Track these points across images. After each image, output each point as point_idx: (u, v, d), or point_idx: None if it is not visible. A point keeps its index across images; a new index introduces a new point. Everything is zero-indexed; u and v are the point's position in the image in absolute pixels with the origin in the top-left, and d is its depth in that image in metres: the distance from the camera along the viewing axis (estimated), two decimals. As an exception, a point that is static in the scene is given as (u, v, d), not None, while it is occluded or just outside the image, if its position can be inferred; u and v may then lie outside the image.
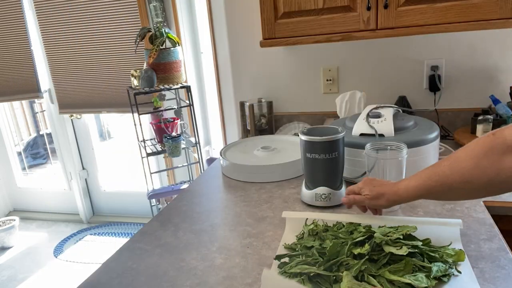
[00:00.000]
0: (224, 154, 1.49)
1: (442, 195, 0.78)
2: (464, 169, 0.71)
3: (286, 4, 1.41)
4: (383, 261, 0.74)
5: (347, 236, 0.83)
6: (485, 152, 0.69)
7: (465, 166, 0.71)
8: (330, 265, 0.75)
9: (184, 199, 1.25)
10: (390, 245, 0.76)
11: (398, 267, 0.72)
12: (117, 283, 0.84)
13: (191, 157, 2.51)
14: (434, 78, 1.61)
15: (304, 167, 1.11)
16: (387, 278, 0.70)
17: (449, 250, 0.78)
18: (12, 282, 2.52)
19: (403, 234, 0.78)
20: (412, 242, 0.77)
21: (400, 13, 1.31)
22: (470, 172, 0.70)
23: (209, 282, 0.81)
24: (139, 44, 2.05)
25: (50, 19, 2.59)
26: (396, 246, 0.75)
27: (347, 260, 0.75)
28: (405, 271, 0.71)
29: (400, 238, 0.77)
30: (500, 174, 0.67)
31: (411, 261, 0.72)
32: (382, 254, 0.75)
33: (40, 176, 3.56)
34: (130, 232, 3.01)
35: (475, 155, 0.70)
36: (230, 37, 1.88)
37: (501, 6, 1.21)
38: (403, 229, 0.81)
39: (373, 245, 0.76)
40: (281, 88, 1.87)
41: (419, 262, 0.73)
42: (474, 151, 0.71)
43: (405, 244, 0.76)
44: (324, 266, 0.74)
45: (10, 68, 2.85)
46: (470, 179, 0.71)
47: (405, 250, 0.73)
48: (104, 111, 2.70)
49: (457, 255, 0.77)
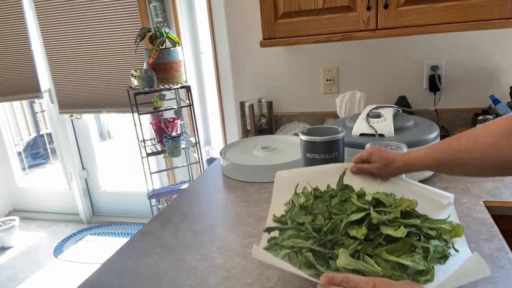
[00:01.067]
0: (224, 154, 1.49)
1: (452, 169, 0.78)
2: (482, 146, 0.71)
3: (286, 4, 1.41)
4: (379, 240, 0.72)
5: (340, 207, 0.81)
6: (505, 133, 0.69)
7: (483, 144, 0.71)
8: (324, 242, 0.73)
9: (184, 199, 1.25)
10: (387, 225, 0.74)
11: (394, 247, 0.70)
12: (117, 283, 0.84)
13: (191, 157, 2.51)
14: (434, 78, 1.61)
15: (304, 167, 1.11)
16: (384, 258, 0.68)
17: (446, 225, 0.76)
18: (12, 282, 2.52)
19: (402, 210, 0.76)
20: (410, 220, 0.74)
21: (400, 13, 1.31)
22: (487, 150, 0.71)
23: (209, 282, 0.81)
24: (139, 44, 2.05)
25: (50, 19, 2.59)
26: (394, 226, 0.73)
27: (341, 239, 0.73)
28: (402, 251, 0.69)
29: (398, 217, 0.75)
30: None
31: (408, 241, 0.70)
32: (378, 233, 0.73)
33: (40, 176, 3.56)
34: (130, 232, 3.01)
35: (495, 134, 0.70)
36: (230, 37, 1.88)
37: (501, 6, 1.21)
38: (402, 203, 0.78)
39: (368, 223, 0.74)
40: (281, 88, 1.87)
41: (417, 242, 0.71)
42: (494, 131, 0.71)
43: (403, 223, 0.73)
44: (318, 243, 0.72)
45: (10, 68, 2.85)
46: (486, 158, 0.71)
47: (403, 232, 0.71)
48: (104, 111, 2.70)
49: (454, 230, 0.75)
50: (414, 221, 0.74)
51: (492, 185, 1.13)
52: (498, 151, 0.70)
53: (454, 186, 1.14)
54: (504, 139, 0.69)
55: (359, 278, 0.60)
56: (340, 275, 0.62)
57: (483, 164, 0.72)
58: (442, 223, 0.76)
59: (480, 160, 0.72)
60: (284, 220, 0.83)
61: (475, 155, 0.73)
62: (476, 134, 0.74)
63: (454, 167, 0.77)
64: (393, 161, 0.86)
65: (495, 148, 0.70)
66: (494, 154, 0.70)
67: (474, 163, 0.73)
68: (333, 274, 0.64)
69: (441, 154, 0.78)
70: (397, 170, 0.86)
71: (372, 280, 0.59)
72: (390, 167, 0.86)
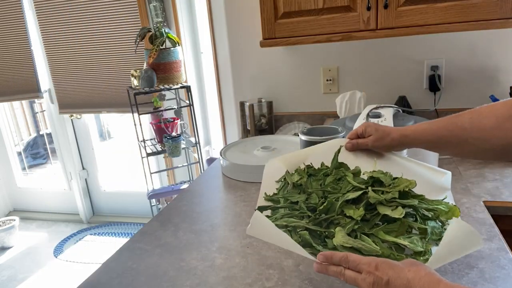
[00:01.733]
0: (224, 154, 1.49)
1: (451, 147, 0.75)
2: (485, 125, 0.69)
3: (286, 4, 1.41)
4: (376, 220, 0.70)
5: (335, 186, 0.78)
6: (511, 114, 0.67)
7: (487, 123, 0.69)
8: (320, 221, 0.71)
9: (184, 199, 1.25)
10: (384, 205, 0.71)
11: (392, 228, 0.68)
12: (117, 283, 0.84)
13: (191, 157, 2.51)
14: (434, 78, 1.61)
15: (304, 167, 1.10)
16: (381, 238, 0.67)
17: (442, 206, 0.74)
18: (12, 282, 2.52)
19: (400, 190, 0.73)
20: (408, 201, 0.72)
21: (400, 13, 1.31)
22: (490, 131, 0.68)
23: (209, 282, 0.81)
24: (139, 44, 2.05)
25: (50, 19, 2.59)
26: (391, 206, 0.71)
27: (337, 218, 0.71)
28: (399, 232, 0.68)
29: (396, 197, 0.72)
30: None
31: (406, 222, 0.68)
32: (375, 213, 0.71)
33: (40, 176, 3.56)
34: (130, 232, 3.01)
35: (500, 115, 0.68)
36: (230, 37, 1.88)
37: (501, 6, 1.21)
38: (400, 182, 0.75)
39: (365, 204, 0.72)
40: (281, 88, 1.87)
41: (414, 223, 0.69)
42: (499, 111, 0.68)
43: (401, 204, 0.71)
44: (313, 222, 0.71)
45: (10, 68, 2.84)
46: (488, 138, 0.69)
47: (401, 213, 0.68)
48: (104, 111, 2.70)
49: (451, 211, 0.73)
50: (412, 201, 0.72)
51: (492, 185, 1.13)
52: (500, 133, 0.67)
53: (454, 186, 1.14)
54: (508, 121, 0.67)
55: (360, 259, 0.58)
56: (339, 254, 0.60)
57: (483, 144, 0.69)
58: (439, 204, 0.74)
59: (481, 140, 0.69)
60: (276, 198, 0.80)
61: (476, 135, 0.70)
62: (480, 113, 0.71)
63: (453, 145, 0.74)
64: (389, 133, 0.82)
65: (498, 129, 0.67)
66: (496, 135, 0.68)
67: (474, 143, 0.70)
68: (331, 252, 0.61)
69: (442, 130, 0.75)
70: (393, 141, 0.81)
71: (374, 261, 0.56)
72: (386, 139, 0.82)
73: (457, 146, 0.74)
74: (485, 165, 1.28)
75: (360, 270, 0.57)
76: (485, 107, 0.71)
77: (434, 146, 0.78)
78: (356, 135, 0.87)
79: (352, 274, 0.58)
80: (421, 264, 0.56)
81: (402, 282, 0.53)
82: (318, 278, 0.80)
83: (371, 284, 0.55)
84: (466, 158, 1.01)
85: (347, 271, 0.58)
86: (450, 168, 1.27)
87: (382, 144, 0.83)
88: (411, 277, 0.53)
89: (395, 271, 0.54)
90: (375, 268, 0.55)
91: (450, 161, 1.34)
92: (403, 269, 0.54)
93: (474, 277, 0.75)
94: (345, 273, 0.58)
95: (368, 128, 0.85)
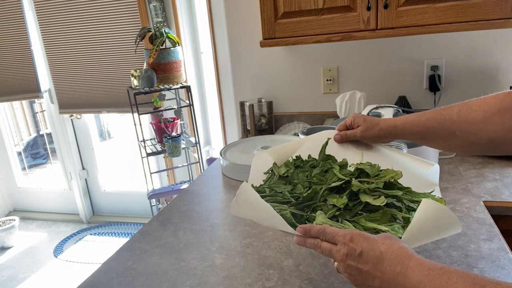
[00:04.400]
0: (224, 154, 1.49)
1: (438, 140, 0.75)
2: (473, 119, 0.68)
3: (286, 4, 1.41)
4: (358, 208, 0.69)
5: (321, 177, 0.78)
6: (500, 108, 0.66)
7: (475, 116, 0.68)
8: (302, 207, 0.71)
9: (184, 199, 1.25)
10: (367, 193, 0.71)
11: (374, 217, 0.68)
12: (117, 283, 0.84)
13: (191, 157, 2.51)
14: (434, 78, 1.61)
15: (304, 167, 1.10)
16: (363, 225, 0.66)
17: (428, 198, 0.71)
18: (12, 282, 2.52)
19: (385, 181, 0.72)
20: (391, 191, 0.71)
21: (400, 13, 1.31)
22: (478, 124, 0.68)
23: (209, 282, 0.81)
24: (139, 44, 2.05)
25: (50, 19, 2.59)
26: (374, 195, 0.70)
27: (320, 205, 0.71)
28: (381, 221, 0.67)
29: (380, 188, 0.71)
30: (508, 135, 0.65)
31: (388, 211, 0.67)
32: (357, 201, 0.70)
33: (40, 176, 3.56)
34: (130, 232, 3.01)
35: (489, 108, 0.67)
36: (230, 37, 1.88)
37: (501, 6, 1.21)
38: (386, 173, 0.74)
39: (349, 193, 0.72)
40: (281, 88, 1.87)
41: (397, 212, 0.68)
42: (488, 105, 0.68)
43: (384, 193, 0.70)
44: (296, 207, 0.71)
45: (10, 68, 2.84)
46: (476, 131, 0.68)
47: (382, 201, 0.68)
48: (104, 111, 2.70)
49: None
50: (396, 192, 0.71)
51: (492, 185, 1.13)
52: (488, 127, 0.67)
53: (454, 186, 1.14)
54: (497, 115, 0.66)
55: (336, 231, 0.59)
56: (316, 227, 0.61)
57: (471, 137, 0.69)
58: (425, 196, 0.72)
59: (469, 133, 0.69)
60: (263, 189, 0.80)
61: (464, 128, 0.69)
62: (469, 106, 0.70)
63: (441, 137, 0.73)
64: (378, 123, 0.81)
65: (487, 123, 0.67)
66: (484, 129, 0.67)
67: (462, 136, 0.70)
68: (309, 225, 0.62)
69: (431, 122, 0.74)
70: (382, 131, 0.80)
71: (350, 234, 0.57)
72: (375, 128, 0.81)
73: (445, 139, 0.73)
74: (485, 165, 1.28)
75: (336, 242, 0.58)
76: (474, 100, 0.71)
77: (423, 137, 0.77)
78: (345, 126, 0.87)
79: (328, 246, 0.59)
80: (396, 238, 0.56)
81: (375, 254, 0.54)
82: (318, 278, 0.80)
83: (345, 254, 0.56)
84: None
85: (323, 243, 0.60)
86: (450, 168, 1.28)
87: (371, 134, 0.82)
88: (384, 249, 0.54)
89: (369, 243, 0.55)
90: (350, 239, 0.56)
91: (450, 161, 1.34)
92: (377, 242, 0.55)
93: (474, 277, 0.75)
94: (322, 245, 0.60)
95: (357, 119, 0.84)
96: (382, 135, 0.82)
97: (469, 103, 0.71)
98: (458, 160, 1.34)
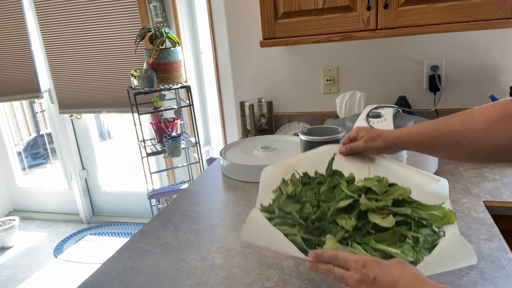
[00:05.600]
0: (224, 154, 1.49)
1: (443, 149, 0.76)
2: (476, 127, 0.69)
3: (286, 4, 1.41)
4: (367, 228, 0.70)
5: (329, 194, 0.78)
6: (502, 116, 0.67)
7: (478, 125, 0.69)
8: (312, 229, 0.71)
9: (184, 199, 1.25)
10: (376, 212, 0.71)
11: (383, 237, 0.68)
12: (117, 283, 0.84)
13: (191, 157, 2.51)
14: (434, 78, 1.61)
15: (304, 167, 1.10)
16: (373, 247, 0.66)
17: (438, 212, 0.72)
18: (12, 282, 2.52)
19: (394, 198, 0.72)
20: (400, 209, 0.71)
21: (400, 13, 1.31)
22: (481, 132, 0.69)
23: (209, 282, 0.81)
24: (139, 44, 2.05)
25: (50, 19, 2.59)
26: (383, 214, 0.70)
27: (329, 227, 0.71)
28: (391, 241, 0.67)
29: (388, 206, 0.71)
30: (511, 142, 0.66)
31: (397, 231, 0.68)
32: (366, 221, 0.70)
33: (40, 176, 3.56)
34: (130, 232, 3.01)
35: (491, 117, 0.68)
36: (230, 37, 1.88)
37: (501, 6, 1.21)
38: (395, 191, 0.75)
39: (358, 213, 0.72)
40: (281, 88, 1.87)
41: (406, 231, 0.69)
42: (491, 112, 0.69)
43: (393, 212, 0.70)
44: (305, 230, 0.71)
45: (10, 68, 2.85)
46: (479, 140, 0.69)
47: (391, 221, 0.68)
48: (104, 111, 2.70)
49: (446, 217, 0.71)
50: (405, 209, 0.71)
51: (492, 185, 1.13)
52: (491, 134, 0.68)
53: (454, 186, 1.14)
54: (500, 122, 0.67)
55: (349, 257, 0.59)
56: (329, 252, 0.61)
57: (475, 146, 0.70)
58: (435, 209, 0.72)
59: (472, 141, 0.70)
60: (272, 209, 0.80)
61: (468, 136, 0.70)
62: (472, 115, 0.71)
63: (446, 146, 0.74)
64: (381, 134, 0.82)
65: (489, 131, 0.68)
66: (487, 137, 0.68)
67: (466, 144, 0.71)
68: (321, 250, 0.62)
69: (435, 132, 0.75)
70: (385, 142, 0.81)
71: (362, 259, 0.57)
72: (378, 139, 0.82)
73: (449, 148, 0.74)
74: (485, 165, 1.28)
75: (349, 267, 0.58)
76: (476, 109, 0.72)
77: (427, 148, 0.78)
78: (349, 139, 0.88)
79: (340, 271, 0.59)
80: (408, 264, 0.57)
81: (388, 280, 0.54)
82: (318, 278, 0.80)
83: (358, 281, 0.56)
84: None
85: (336, 269, 0.60)
86: (450, 168, 1.28)
87: (374, 145, 0.83)
88: (397, 275, 0.54)
89: (382, 269, 0.56)
90: (363, 265, 0.57)
91: (450, 161, 1.34)
92: (390, 267, 0.56)
93: (474, 277, 0.75)
94: (334, 270, 0.60)
95: (360, 132, 0.86)
96: (386, 146, 0.82)
97: (472, 112, 0.72)
98: (458, 160, 1.34)
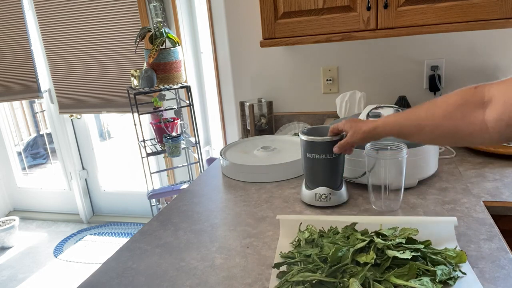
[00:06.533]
0: (224, 154, 1.49)
1: (413, 136, 0.82)
2: (436, 114, 0.76)
3: (286, 4, 1.41)
4: (386, 264, 0.73)
5: (345, 242, 0.82)
6: (460, 103, 0.73)
7: (438, 112, 0.75)
8: (333, 271, 0.74)
9: (184, 199, 1.25)
10: (392, 249, 0.76)
11: (402, 272, 0.72)
12: (117, 283, 0.84)
13: (191, 157, 2.51)
14: (434, 78, 1.61)
15: (304, 167, 1.11)
16: (393, 283, 0.70)
17: (450, 252, 0.78)
18: (12, 282, 2.52)
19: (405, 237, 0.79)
20: (413, 245, 0.77)
21: (400, 13, 1.31)
22: (441, 119, 0.75)
23: (209, 282, 0.81)
24: (139, 44, 2.05)
25: (50, 19, 2.59)
26: (399, 250, 0.75)
27: (349, 267, 0.74)
28: (409, 275, 0.71)
29: (402, 243, 0.77)
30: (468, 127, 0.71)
31: (415, 265, 0.72)
32: (384, 258, 0.75)
33: (40, 176, 3.56)
34: (130, 232, 3.01)
35: (451, 103, 0.74)
36: (230, 37, 1.88)
37: (501, 6, 1.21)
38: (404, 231, 0.81)
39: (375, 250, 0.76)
40: (281, 88, 1.87)
41: (423, 266, 0.73)
42: (451, 99, 0.75)
43: (407, 248, 0.75)
44: (327, 273, 0.73)
45: (10, 68, 2.85)
46: (440, 126, 0.75)
47: (409, 254, 0.73)
48: (104, 111, 2.70)
49: (458, 256, 0.77)
50: (418, 245, 0.77)
51: (492, 185, 1.13)
52: (451, 120, 0.73)
53: (454, 186, 1.14)
54: (458, 109, 0.72)
55: None
56: None
57: (437, 131, 0.76)
58: (446, 250, 0.78)
59: (434, 127, 0.76)
60: (292, 254, 0.84)
61: (431, 122, 0.76)
62: (435, 102, 0.78)
63: (414, 133, 0.81)
64: (361, 127, 0.92)
65: (449, 117, 0.73)
66: (447, 122, 0.74)
67: (430, 130, 0.77)
68: None
69: (404, 121, 0.83)
70: (365, 134, 0.91)
71: None
72: (359, 132, 0.92)
73: (417, 134, 0.81)
74: (485, 165, 1.28)
75: None
76: (441, 97, 0.78)
77: (400, 135, 0.85)
78: (337, 128, 1.00)
79: None
80: None
81: None
82: (318, 278, 0.80)
83: None
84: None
85: None
86: (450, 168, 1.28)
87: (358, 138, 0.93)
88: None
89: None
90: None
91: (450, 161, 1.34)
92: None
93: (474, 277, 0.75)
94: None
95: (345, 126, 0.96)
96: (367, 137, 0.92)
97: (436, 100, 0.78)
98: (458, 160, 1.34)
